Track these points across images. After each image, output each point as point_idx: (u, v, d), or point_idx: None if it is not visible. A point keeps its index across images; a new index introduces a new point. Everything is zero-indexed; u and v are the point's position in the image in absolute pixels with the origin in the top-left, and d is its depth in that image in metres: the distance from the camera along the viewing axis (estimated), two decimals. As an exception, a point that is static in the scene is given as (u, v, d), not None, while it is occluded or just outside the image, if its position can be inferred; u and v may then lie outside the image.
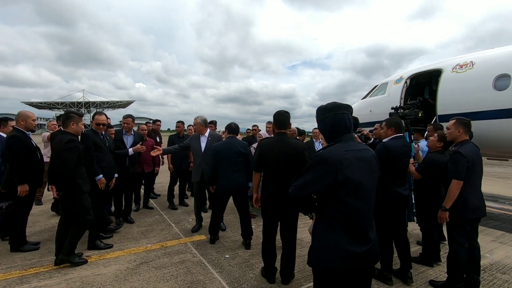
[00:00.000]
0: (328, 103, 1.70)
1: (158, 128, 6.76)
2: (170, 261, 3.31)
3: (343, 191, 1.50)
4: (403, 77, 7.25)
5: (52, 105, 67.29)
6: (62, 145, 3.03)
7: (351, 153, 1.54)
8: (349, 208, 1.51)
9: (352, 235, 1.52)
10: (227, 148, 3.75)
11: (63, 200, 3.15)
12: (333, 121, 1.64)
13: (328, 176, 1.50)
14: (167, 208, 5.54)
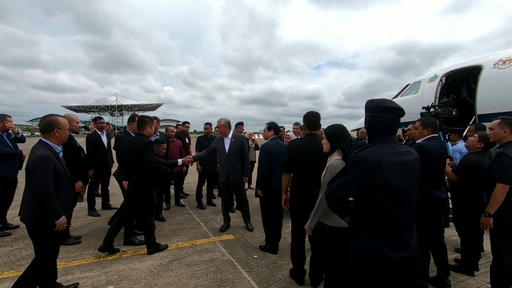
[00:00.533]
0: (375, 101, 1.59)
1: (187, 130, 6.97)
2: (200, 259, 3.41)
3: (380, 195, 1.44)
4: (437, 75, 6.90)
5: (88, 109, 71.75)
6: (144, 145, 3.39)
7: (391, 155, 1.47)
8: (386, 212, 1.45)
9: (389, 240, 1.46)
10: (278, 149, 3.62)
11: (136, 195, 3.49)
12: (376, 121, 1.56)
13: (365, 179, 1.45)
14: (196, 207, 5.69)
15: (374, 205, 1.47)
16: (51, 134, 2.41)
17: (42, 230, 2.33)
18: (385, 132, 1.54)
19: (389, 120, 1.53)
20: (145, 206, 3.53)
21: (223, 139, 4.41)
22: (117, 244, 3.62)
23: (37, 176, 2.22)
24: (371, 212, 1.48)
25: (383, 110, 1.54)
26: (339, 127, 2.41)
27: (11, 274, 2.99)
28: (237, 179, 4.34)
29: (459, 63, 6.73)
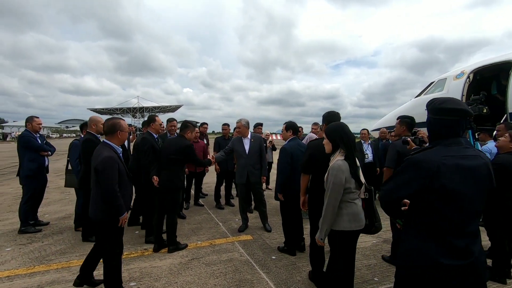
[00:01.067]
0: (435, 102, 1.49)
1: (205, 131, 7.08)
2: (218, 258, 3.44)
3: (437, 199, 1.37)
4: (465, 71, 6.58)
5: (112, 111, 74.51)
6: (185, 147, 3.71)
7: (451, 159, 1.37)
8: (440, 216, 1.37)
9: (441, 245, 1.37)
10: (298, 150, 3.55)
11: (166, 193, 3.67)
12: (434, 123, 1.48)
13: (420, 182, 1.38)
14: (214, 207, 5.76)
15: (428, 208, 1.40)
16: (114, 136, 2.60)
17: (109, 225, 2.51)
18: (445, 135, 1.45)
19: (448, 122, 1.44)
20: (173, 204, 3.70)
21: (242, 139, 4.43)
22: (139, 243, 3.73)
23: (105, 176, 2.40)
24: (424, 215, 1.42)
25: (442, 111, 1.45)
26: (340, 125, 2.35)
27: (41, 269, 3.15)
28: (257, 180, 4.38)
29: (488, 59, 6.39)
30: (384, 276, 3.08)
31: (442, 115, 1.44)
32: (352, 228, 2.19)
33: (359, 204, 2.25)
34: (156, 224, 3.73)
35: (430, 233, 1.40)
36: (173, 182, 3.66)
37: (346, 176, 2.14)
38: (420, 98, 7.83)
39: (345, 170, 2.14)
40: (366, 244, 3.95)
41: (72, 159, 4.28)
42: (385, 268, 3.27)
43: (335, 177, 2.13)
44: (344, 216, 2.18)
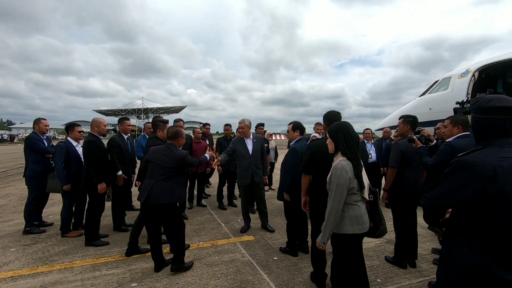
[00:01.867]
0: (480, 101, 1.37)
1: (208, 131, 7.09)
2: (220, 259, 3.43)
3: (492, 206, 1.23)
4: (470, 69, 6.49)
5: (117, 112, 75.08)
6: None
7: (508, 160, 1.24)
8: (497, 226, 1.23)
9: (499, 259, 1.23)
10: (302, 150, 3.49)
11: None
12: (481, 123, 1.37)
13: (473, 187, 1.24)
14: (217, 208, 5.76)
15: (482, 216, 1.26)
16: (176, 140, 3.25)
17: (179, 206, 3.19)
18: (496, 135, 1.33)
19: (497, 122, 1.32)
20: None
21: (244, 140, 4.42)
22: (141, 243, 3.74)
23: (191, 164, 3.28)
24: (475, 223, 1.28)
25: (491, 110, 1.33)
26: (343, 124, 2.29)
27: (44, 269, 3.17)
28: (261, 180, 4.40)
29: (494, 57, 6.29)
30: (387, 278, 3.04)
31: (491, 114, 1.33)
32: (355, 232, 2.13)
33: (362, 207, 2.19)
34: (134, 234, 3.51)
35: (486, 245, 1.25)
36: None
37: (350, 177, 2.08)
38: (424, 97, 7.75)
39: (349, 170, 2.09)
40: (369, 245, 3.91)
41: (57, 162, 3.99)
42: (388, 269, 3.23)
43: (339, 178, 2.07)
44: (346, 219, 2.12)
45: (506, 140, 1.30)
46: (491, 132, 1.33)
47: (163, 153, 3.15)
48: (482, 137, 1.38)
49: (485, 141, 1.34)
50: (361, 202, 2.19)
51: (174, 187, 3.08)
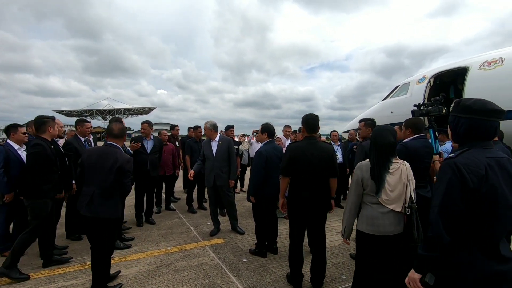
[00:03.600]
0: (475, 102, 1.37)
1: (177, 134, 6.94)
2: (188, 264, 3.36)
3: (484, 204, 1.27)
4: (426, 76, 6.98)
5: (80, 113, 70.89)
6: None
7: (493, 160, 1.30)
8: (488, 224, 1.29)
9: (492, 253, 1.30)
10: (274, 153, 3.56)
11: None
12: (474, 125, 1.37)
13: (469, 186, 1.26)
14: (187, 211, 5.63)
15: (472, 214, 1.29)
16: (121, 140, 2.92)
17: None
18: (485, 137, 1.36)
19: (493, 124, 1.35)
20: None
21: (210, 142, 4.38)
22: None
23: (131, 177, 2.72)
24: (467, 223, 1.30)
25: (490, 113, 1.34)
26: (375, 129, 2.34)
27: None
28: (223, 183, 4.29)
29: (446, 65, 6.82)
30: (351, 274, 3.14)
31: (474, 115, 1.36)
32: (368, 231, 2.15)
33: (379, 210, 2.14)
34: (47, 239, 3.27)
35: (476, 242, 1.30)
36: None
37: (365, 176, 2.17)
38: (386, 101, 8.19)
39: (365, 170, 2.18)
40: (335, 243, 4.05)
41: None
42: (352, 266, 3.35)
43: (353, 175, 2.26)
44: (363, 218, 2.22)
45: (487, 142, 1.37)
46: (474, 134, 1.37)
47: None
48: (466, 140, 1.40)
49: (469, 143, 1.38)
50: (378, 206, 2.15)
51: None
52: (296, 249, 2.89)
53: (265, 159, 3.49)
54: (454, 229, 1.30)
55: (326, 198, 2.83)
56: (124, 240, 3.92)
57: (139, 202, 4.80)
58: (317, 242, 2.85)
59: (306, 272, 2.96)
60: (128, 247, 3.74)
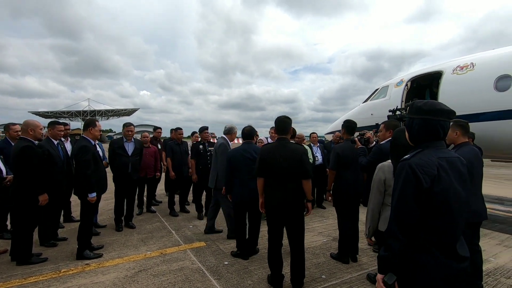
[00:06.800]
0: (426, 103, 1.44)
1: (159, 136, 6.83)
2: (168, 268, 3.30)
3: (437, 204, 1.32)
4: (403, 79, 7.22)
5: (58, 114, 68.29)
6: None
7: (444, 160, 1.36)
8: (444, 224, 1.33)
9: (443, 248, 1.34)
10: (241, 154, 3.62)
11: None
12: (424, 125, 1.42)
13: (423, 186, 1.30)
14: (168, 215, 5.54)
15: (431, 218, 1.33)
16: None
17: None
18: (435, 137, 1.42)
19: (442, 124, 1.41)
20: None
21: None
22: (70, 259, 3.46)
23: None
24: (423, 222, 1.34)
25: (438, 113, 1.40)
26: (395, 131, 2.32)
27: None
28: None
29: (422, 69, 7.09)
30: (331, 273, 3.22)
31: (424, 115, 1.42)
32: None
33: None
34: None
35: (434, 241, 1.34)
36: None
37: (387, 177, 2.19)
38: (366, 104, 8.41)
39: (387, 171, 2.21)
40: (316, 244, 4.10)
41: None
42: (332, 265, 3.43)
43: (375, 175, 2.27)
44: (382, 218, 2.27)
45: (439, 143, 1.43)
46: (426, 134, 1.42)
47: None
48: (419, 140, 1.46)
49: (423, 144, 1.43)
50: None
51: None
52: (273, 250, 2.91)
53: (228, 159, 3.69)
54: (409, 229, 1.33)
55: (299, 199, 2.82)
56: (93, 249, 3.74)
57: (120, 206, 4.68)
58: (294, 242, 2.88)
59: (288, 273, 2.98)
60: (99, 256, 3.59)
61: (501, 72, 5.15)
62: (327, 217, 5.53)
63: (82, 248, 3.55)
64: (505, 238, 4.48)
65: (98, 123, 3.85)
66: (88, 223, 3.64)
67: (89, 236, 3.67)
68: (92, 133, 3.70)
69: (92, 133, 3.71)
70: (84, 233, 3.58)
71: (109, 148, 4.73)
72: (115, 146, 4.65)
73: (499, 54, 5.52)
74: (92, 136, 3.71)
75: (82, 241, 3.56)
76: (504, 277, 3.18)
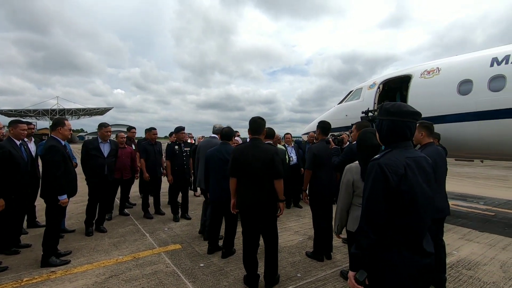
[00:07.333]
0: (393, 105, 1.51)
1: (133, 136, 6.60)
2: (141, 272, 3.19)
3: (405, 202, 1.37)
4: (376, 82, 7.51)
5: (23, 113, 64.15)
6: None
7: (411, 159, 1.42)
8: (412, 221, 1.39)
9: (416, 249, 1.41)
10: (215, 155, 3.63)
11: None
12: (392, 126, 1.48)
13: (391, 185, 1.35)
14: (142, 217, 5.37)
15: (395, 213, 1.38)
16: None
17: None
18: (403, 138, 1.48)
19: (409, 125, 1.47)
20: None
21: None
22: (34, 267, 3.26)
23: None
24: (390, 220, 1.39)
25: (404, 114, 1.47)
26: (361, 133, 2.38)
27: None
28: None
29: (393, 72, 7.41)
30: (306, 272, 3.27)
31: (392, 116, 1.48)
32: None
33: None
34: None
35: (402, 238, 1.39)
36: None
37: (355, 179, 2.22)
38: (341, 105, 8.65)
39: (355, 172, 2.23)
40: (292, 243, 4.16)
41: None
42: (307, 263, 3.49)
43: (343, 177, 2.30)
44: (353, 219, 2.28)
45: (407, 143, 1.50)
46: (394, 135, 1.48)
47: None
48: (388, 140, 1.52)
49: (392, 144, 1.49)
50: None
51: None
52: (248, 250, 2.92)
53: (205, 158, 3.77)
54: (379, 227, 1.38)
55: (272, 199, 2.83)
56: (60, 255, 3.54)
57: (92, 209, 4.45)
58: (268, 242, 2.91)
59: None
60: (66, 262, 3.40)
61: (464, 77, 5.50)
62: (304, 216, 5.62)
63: (47, 254, 3.35)
64: (467, 232, 4.79)
65: (68, 122, 3.66)
66: (55, 228, 3.44)
67: (55, 242, 3.47)
68: (61, 133, 3.51)
69: (62, 133, 3.52)
70: (50, 238, 3.38)
71: (82, 149, 4.50)
72: (90, 147, 4.43)
73: (462, 60, 5.90)
74: (61, 136, 3.52)
75: (48, 247, 3.36)
76: (465, 268, 3.40)
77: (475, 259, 3.65)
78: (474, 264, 3.51)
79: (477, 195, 8.31)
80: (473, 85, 5.31)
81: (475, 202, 7.33)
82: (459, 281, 3.09)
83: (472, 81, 5.33)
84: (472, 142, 5.43)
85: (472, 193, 8.60)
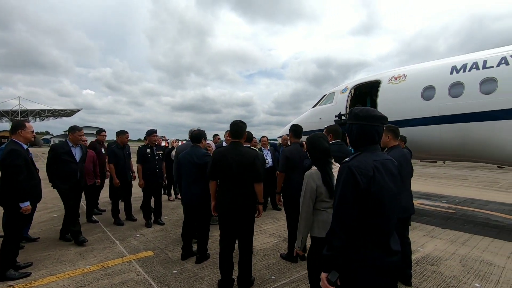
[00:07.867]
0: (362, 109, 1.57)
1: (103, 139, 6.29)
2: (110, 282, 3.05)
3: (372, 204, 1.43)
4: (348, 87, 7.78)
5: (-20, 114, 59.30)
6: None
7: (379, 162, 1.49)
8: (380, 221, 1.45)
9: (383, 247, 1.47)
10: (185, 158, 3.64)
11: None
12: (360, 130, 1.55)
13: (360, 187, 1.41)
14: (112, 224, 5.14)
15: (365, 213, 1.44)
16: None
17: None
18: (371, 142, 1.55)
19: (376, 129, 1.54)
20: None
21: None
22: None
23: None
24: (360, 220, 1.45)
25: (372, 118, 1.53)
26: (312, 138, 2.46)
27: None
28: None
29: (364, 77, 7.73)
30: (280, 274, 3.30)
31: (361, 121, 1.54)
32: (323, 236, 2.14)
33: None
34: None
35: (371, 238, 1.45)
36: None
37: (318, 184, 2.21)
38: (315, 109, 8.88)
39: (316, 179, 2.22)
40: (267, 245, 4.17)
41: None
42: (282, 265, 3.52)
43: (306, 185, 2.23)
44: (315, 223, 2.25)
45: (375, 146, 1.56)
46: (363, 139, 1.54)
47: None
48: (358, 144, 1.58)
49: (362, 147, 1.55)
50: (331, 209, 2.25)
51: None
52: (225, 253, 2.89)
53: (178, 161, 3.83)
54: (351, 228, 1.43)
55: (251, 202, 2.87)
56: (19, 267, 3.30)
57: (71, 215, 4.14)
58: (243, 244, 2.91)
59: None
60: (26, 275, 3.18)
61: (427, 83, 5.87)
62: (279, 218, 5.67)
63: (4, 267, 3.10)
64: (431, 229, 5.08)
65: (29, 124, 3.43)
66: (13, 238, 3.21)
67: (14, 254, 3.23)
68: (23, 136, 3.30)
69: (23, 136, 3.30)
70: (7, 249, 3.15)
71: (50, 153, 4.14)
72: (60, 151, 4.07)
73: (426, 67, 6.29)
74: (23, 139, 3.30)
75: (5, 259, 3.12)
76: (429, 264, 3.60)
77: (438, 255, 3.88)
78: (437, 260, 3.73)
79: (440, 194, 8.86)
80: (435, 91, 5.67)
81: (438, 200, 7.81)
82: (424, 276, 3.27)
83: (435, 87, 5.69)
84: (434, 144, 5.79)
85: (436, 192, 9.15)
